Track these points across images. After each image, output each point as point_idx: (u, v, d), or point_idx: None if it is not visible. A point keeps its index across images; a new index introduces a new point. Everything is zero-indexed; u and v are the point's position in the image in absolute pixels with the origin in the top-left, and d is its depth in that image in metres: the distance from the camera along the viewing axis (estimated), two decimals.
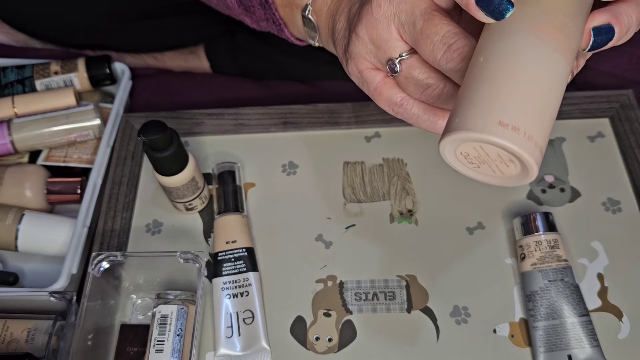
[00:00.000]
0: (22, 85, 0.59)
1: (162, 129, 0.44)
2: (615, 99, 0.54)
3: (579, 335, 0.42)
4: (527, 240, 0.46)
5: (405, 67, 0.32)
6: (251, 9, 0.42)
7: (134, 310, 0.47)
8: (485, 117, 0.25)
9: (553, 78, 0.27)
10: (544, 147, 0.26)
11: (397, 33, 0.31)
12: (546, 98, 0.26)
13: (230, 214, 0.49)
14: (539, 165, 0.26)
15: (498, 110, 0.25)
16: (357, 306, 0.46)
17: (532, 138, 0.25)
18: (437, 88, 0.32)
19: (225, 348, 0.44)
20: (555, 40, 0.27)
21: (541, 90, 0.26)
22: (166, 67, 0.66)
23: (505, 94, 0.26)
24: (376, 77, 0.34)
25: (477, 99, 0.26)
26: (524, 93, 0.26)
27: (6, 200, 0.52)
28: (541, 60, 0.27)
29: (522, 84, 0.26)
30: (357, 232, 0.50)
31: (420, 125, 0.34)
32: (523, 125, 0.25)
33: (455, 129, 0.26)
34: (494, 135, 0.25)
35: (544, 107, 0.26)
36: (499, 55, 0.27)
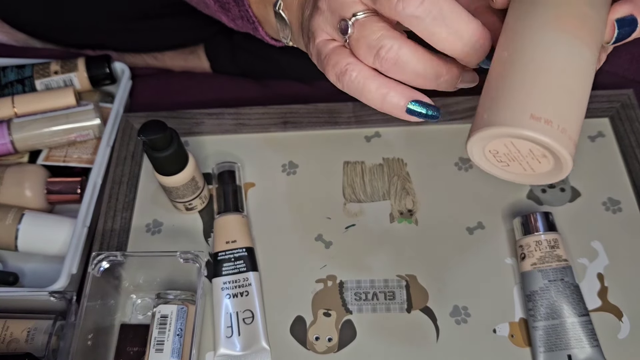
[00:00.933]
0: (22, 85, 0.59)
1: (162, 129, 0.44)
2: (615, 98, 0.54)
3: (579, 335, 0.42)
4: (527, 240, 0.46)
5: (358, 26, 0.29)
6: (226, 5, 0.41)
7: (134, 310, 0.47)
8: (516, 111, 0.25)
9: (581, 70, 0.26)
10: (577, 140, 0.25)
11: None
12: (576, 90, 0.26)
13: (230, 214, 0.49)
14: (572, 155, 0.25)
15: (530, 104, 0.25)
16: (357, 306, 0.46)
17: (566, 131, 0.24)
18: (392, 49, 0.28)
19: (225, 348, 0.44)
20: (581, 32, 0.26)
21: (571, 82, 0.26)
22: (166, 67, 0.66)
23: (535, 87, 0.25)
24: (328, 46, 0.31)
25: (506, 93, 0.25)
26: (554, 85, 0.25)
27: (6, 200, 0.52)
28: (569, 52, 0.26)
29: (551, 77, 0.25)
30: (357, 232, 0.50)
31: (367, 98, 0.30)
32: (556, 118, 0.24)
33: (486, 124, 0.25)
34: (527, 129, 0.24)
35: (575, 100, 0.25)
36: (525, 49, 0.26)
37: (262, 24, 0.41)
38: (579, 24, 0.26)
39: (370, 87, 0.30)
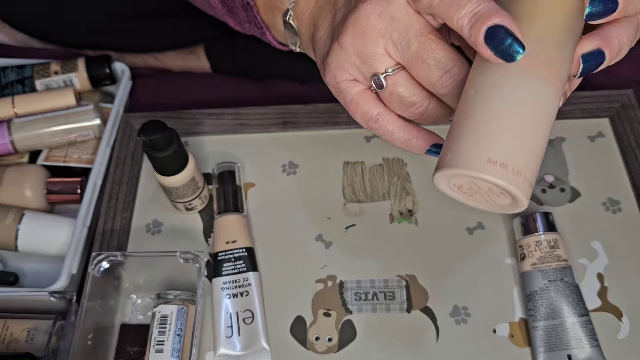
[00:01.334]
0: (22, 85, 0.59)
1: (162, 129, 0.44)
2: (615, 98, 0.54)
3: (579, 335, 0.42)
4: (527, 240, 0.46)
5: (391, 83, 0.31)
6: (234, 10, 0.42)
7: (134, 310, 0.47)
8: (474, 155, 0.26)
9: (542, 112, 0.27)
10: (534, 180, 0.27)
11: (384, 49, 0.31)
12: (535, 133, 0.27)
13: (230, 214, 0.49)
14: (528, 198, 0.27)
15: (487, 148, 0.26)
16: (357, 306, 0.46)
17: (521, 173, 0.26)
18: (422, 106, 0.32)
19: (225, 348, 0.44)
20: (545, 74, 0.27)
21: (530, 125, 0.27)
22: (166, 67, 0.66)
23: (494, 130, 0.26)
24: (354, 89, 0.33)
25: (467, 135, 0.27)
26: (512, 129, 0.26)
27: (6, 200, 0.52)
28: (530, 95, 0.27)
29: (510, 120, 0.26)
30: (357, 232, 0.50)
31: (394, 142, 0.34)
32: (511, 161, 0.26)
33: (447, 165, 0.27)
34: (483, 173, 0.26)
35: (532, 142, 0.27)
36: (488, 90, 0.27)
37: (270, 29, 0.41)
38: (542, 64, 0.27)
39: (399, 134, 0.33)
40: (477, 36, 0.27)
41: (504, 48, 0.26)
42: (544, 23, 0.28)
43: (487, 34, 0.26)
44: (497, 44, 0.26)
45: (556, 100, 0.28)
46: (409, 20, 0.30)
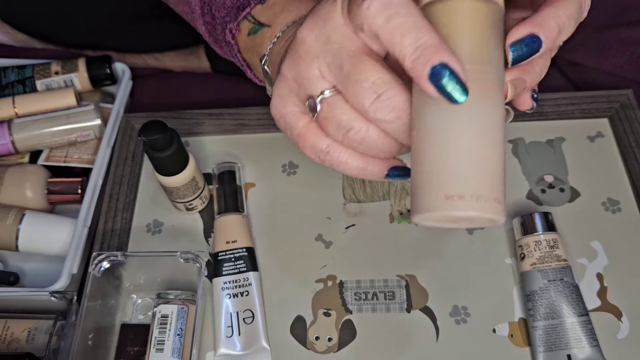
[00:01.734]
0: (23, 86, 0.59)
1: (162, 129, 0.44)
2: (614, 98, 0.54)
3: (579, 335, 0.42)
4: (526, 240, 0.46)
5: (326, 106, 0.29)
6: (220, 43, 0.42)
7: (135, 310, 0.48)
8: (431, 195, 0.26)
9: (484, 129, 0.27)
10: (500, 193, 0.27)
11: (318, 71, 0.29)
12: (482, 152, 0.27)
13: (231, 214, 0.49)
14: (498, 213, 0.26)
15: (439, 185, 0.26)
16: (357, 306, 0.47)
17: (480, 196, 0.26)
18: (360, 131, 0.29)
19: (226, 348, 0.45)
20: (477, 92, 0.27)
21: (475, 147, 0.26)
22: (166, 67, 0.66)
23: (441, 165, 0.26)
24: (300, 122, 0.31)
25: (421, 176, 0.27)
26: (458, 158, 0.26)
27: (7, 200, 0.52)
28: (466, 117, 0.27)
29: (453, 149, 0.26)
30: (357, 232, 0.50)
31: (349, 172, 0.32)
32: (466, 190, 0.26)
33: (414, 212, 0.27)
34: (444, 210, 0.26)
35: (482, 162, 0.27)
36: (425, 125, 0.27)
37: (251, 68, 0.41)
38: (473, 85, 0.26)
39: (352, 164, 0.32)
40: (422, 71, 0.25)
41: (448, 91, 0.25)
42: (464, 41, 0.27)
43: (431, 72, 0.25)
44: (441, 85, 0.25)
45: (497, 111, 0.27)
46: (343, 41, 0.28)
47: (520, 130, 0.55)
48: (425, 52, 0.25)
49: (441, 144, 0.27)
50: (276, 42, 0.36)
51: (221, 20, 0.40)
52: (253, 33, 0.38)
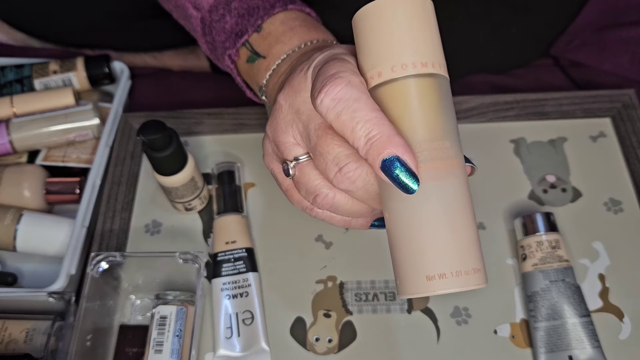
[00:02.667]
0: (21, 85, 0.59)
1: (161, 129, 0.44)
2: (617, 98, 0.54)
3: (580, 336, 0.42)
4: (528, 240, 0.45)
5: (298, 171, 0.32)
6: (220, 62, 0.43)
7: (133, 311, 0.47)
8: (413, 279, 0.27)
9: (451, 206, 0.28)
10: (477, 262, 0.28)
11: (293, 138, 0.31)
12: (454, 228, 0.28)
13: (230, 214, 0.49)
14: (480, 282, 0.27)
15: (419, 268, 0.27)
16: (357, 307, 0.46)
17: (460, 271, 0.27)
18: (327, 197, 0.31)
19: (225, 349, 0.44)
20: (441, 170, 0.28)
21: (445, 226, 0.27)
22: (165, 67, 0.66)
23: (416, 247, 0.28)
24: (285, 181, 0.34)
25: (399, 259, 0.28)
26: (430, 239, 0.27)
27: (5, 200, 0.51)
28: (431, 198, 0.28)
29: (425, 232, 0.27)
30: (358, 232, 0.50)
31: (335, 224, 0.35)
32: (446, 268, 0.27)
33: (400, 292, 0.29)
34: (427, 291, 0.27)
35: (455, 238, 0.27)
36: (393, 208, 0.28)
37: (251, 89, 0.43)
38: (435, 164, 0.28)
39: (336, 219, 0.34)
40: (373, 164, 0.27)
41: (400, 181, 0.27)
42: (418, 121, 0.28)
43: (382, 164, 0.27)
44: (393, 176, 0.27)
45: (459, 182, 0.28)
46: (310, 113, 0.30)
47: (522, 130, 0.55)
48: (374, 146, 0.27)
49: (412, 228, 0.28)
50: (272, 74, 0.38)
51: (221, 45, 0.41)
52: (251, 61, 0.40)
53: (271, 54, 0.38)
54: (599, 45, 0.58)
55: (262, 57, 0.39)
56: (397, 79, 0.28)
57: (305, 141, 0.31)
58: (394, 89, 0.28)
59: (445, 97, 0.29)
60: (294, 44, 0.38)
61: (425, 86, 0.28)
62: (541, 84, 0.59)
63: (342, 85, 0.28)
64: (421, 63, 0.28)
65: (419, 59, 0.28)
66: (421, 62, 0.28)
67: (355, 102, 0.28)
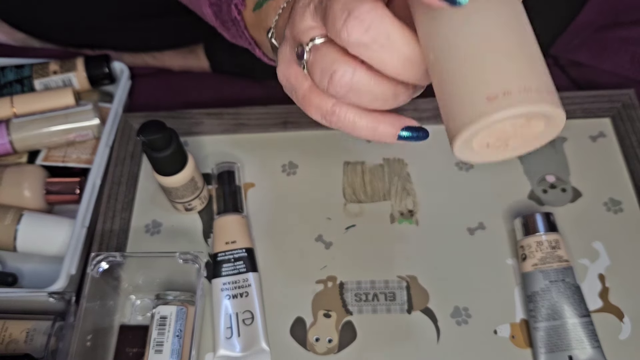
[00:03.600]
0: (21, 85, 0.59)
1: (161, 129, 0.44)
2: (617, 98, 0.54)
3: (580, 336, 0.42)
4: (528, 240, 0.45)
5: (314, 53, 0.27)
6: (227, 24, 0.41)
7: (133, 311, 0.47)
8: (472, 104, 0.22)
9: (506, 21, 0.24)
10: (550, 84, 0.23)
11: (311, 19, 0.28)
12: (514, 42, 0.23)
13: (230, 214, 0.49)
14: (556, 103, 0.22)
15: (478, 88, 0.22)
16: (357, 307, 0.46)
17: (530, 88, 0.22)
18: (345, 74, 0.26)
19: (225, 349, 0.44)
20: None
21: (503, 39, 0.23)
22: (165, 67, 0.66)
23: (473, 68, 0.23)
24: (304, 83, 0.30)
25: (454, 91, 0.23)
26: (491, 55, 0.23)
27: (5, 200, 0.51)
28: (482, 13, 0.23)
29: (483, 48, 0.23)
30: (358, 232, 0.50)
31: (359, 133, 0.30)
32: (510, 84, 0.22)
33: (455, 132, 0.24)
34: (491, 115, 0.22)
35: (518, 52, 0.23)
36: (443, 39, 0.24)
37: (260, 46, 0.41)
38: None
39: (360, 124, 0.29)
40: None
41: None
42: None
43: None
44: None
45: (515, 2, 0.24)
46: None
47: None
48: None
49: (466, 49, 0.23)
50: (281, 13, 0.35)
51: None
52: (258, 7, 0.37)
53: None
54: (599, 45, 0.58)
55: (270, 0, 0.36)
56: None
57: (319, 9, 0.27)
58: None
59: None
60: None
61: None
62: None
63: None
64: None
65: None
66: None
67: None
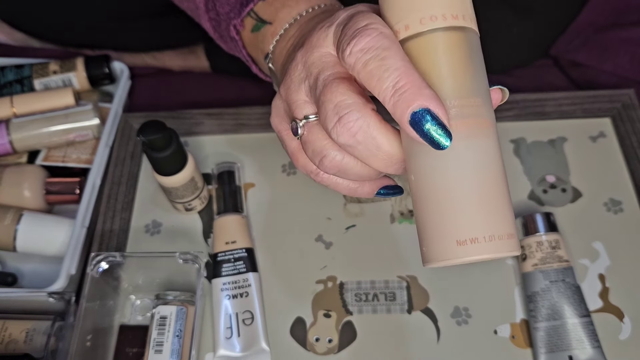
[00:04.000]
0: (21, 85, 0.59)
1: (161, 129, 0.44)
2: (617, 98, 0.54)
3: (580, 336, 0.42)
4: (528, 240, 0.45)
5: (307, 131, 0.30)
6: (224, 38, 0.42)
7: (133, 311, 0.47)
8: (442, 243, 0.25)
9: (483, 166, 0.26)
10: (511, 228, 0.26)
11: (305, 96, 0.30)
12: (486, 190, 0.25)
13: (230, 215, 0.49)
14: (514, 247, 0.25)
15: (448, 231, 0.25)
16: (358, 307, 0.46)
17: (494, 236, 0.25)
18: (334, 159, 0.29)
19: (225, 349, 0.44)
20: (473, 128, 0.26)
21: (478, 187, 0.25)
22: (165, 67, 0.66)
23: (445, 210, 0.25)
24: (292, 142, 0.32)
25: (428, 224, 0.26)
26: (462, 200, 0.25)
27: (5, 200, 0.51)
28: (463, 157, 0.25)
29: (456, 193, 0.25)
30: (358, 232, 0.50)
31: (340, 191, 0.32)
32: (478, 232, 0.25)
33: (426, 260, 0.26)
34: (458, 258, 0.25)
35: (489, 200, 0.25)
36: (421, 169, 0.26)
37: (256, 63, 0.41)
38: (466, 122, 0.26)
39: (342, 185, 0.32)
40: (402, 117, 0.25)
41: (431, 137, 0.25)
42: (448, 76, 0.26)
43: (412, 118, 0.25)
44: (423, 131, 0.25)
45: (491, 142, 0.26)
46: (323, 66, 0.28)
47: (521, 130, 0.55)
48: (403, 97, 0.25)
49: (441, 189, 0.26)
50: (279, 40, 0.36)
51: (225, 17, 0.40)
52: (256, 30, 0.38)
53: (278, 19, 0.37)
54: (599, 46, 0.58)
55: (268, 24, 0.38)
56: (425, 32, 0.26)
57: (313, 94, 0.29)
58: (422, 42, 0.26)
59: (476, 53, 0.27)
60: (301, 8, 0.36)
61: (456, 40, 0.26)
62: (541, 84, 0.59)
63: (373, 36, 0.26)
64: (451, 15, 0.26)
65: (449, 10, 0.26)
66: (451, 14, 0.26)
67: (385, 50, 0.26)
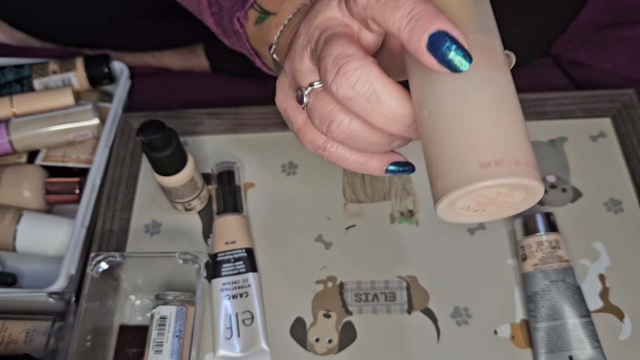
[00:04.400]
0: (21, 85, 0.59)
1: (161, 129, 0.43)
2: (617, 98, 0.54)
3: (580, 336, 0.42)
4: (528, 240, 0.45)
5: (313, 98, 0.29)
6: (227, 33, 0.42)
7: (133, 311, 0.47)
8: (465, 167, 0.24)
9: (504, 97, 0.25)
10: (535, 160, 0.25)
11: (309, 61, 0.29)
12: (511, 118, 0.25)
13: (230, 215, 0.49)
14: (540, 180, 0.24)
15: (473, 154, 0.24)
16: (357, 307, 0.46)
17: (520, 160, 0.24)
18: (342, 124, 0.28)
19: (225, 349, 0.44)
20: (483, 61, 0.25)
21: (502, 112, 0.25)
22: (165, 66, 0.66)
23: (469, 134, 0.24)
24: (299, 117, 0.31)
25: (445, 153, 0.25)
26: (487, 123, 0.24)
27: (4, 200, 0.51)
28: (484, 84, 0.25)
29: (480, 114, 0.24)
30: (358, 232, 0.50)
31: (349, 166, 0.31)
32: (503, 154, 0.23)
33: (444, 191, 0.24)
34: (482, 181, 0.23)
35: (512, 127, 0.25)
36: (440, 100, 0.25)
37: (260, 56, 0.41)
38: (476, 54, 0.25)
39: (351, 159, 0.31)
40: (418, 43, 0.24)
41: (450, 59, 0.24)
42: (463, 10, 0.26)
43: (429, 41, 0.24)
44: (441, 54, 0.24)
45: (508, 79, 0.26)
46: (325, 25, 0.28)
47: None
48: (420, 21, 0.24)
49: (463, 111, 0.24)
50: (283, 30, 0.36)
51: (228, 11, 0.40)
52: (260, 22, 0.38)
53: (282, 10, 0.36)
54: (599, 45, 0.58)
55: (272, 15, 0.37)
56: None
57: (315, 57, 0.28)
58: None
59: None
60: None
61: None
62: (541, 83, 0.59)
63: None
64: None
65: None
66: None
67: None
